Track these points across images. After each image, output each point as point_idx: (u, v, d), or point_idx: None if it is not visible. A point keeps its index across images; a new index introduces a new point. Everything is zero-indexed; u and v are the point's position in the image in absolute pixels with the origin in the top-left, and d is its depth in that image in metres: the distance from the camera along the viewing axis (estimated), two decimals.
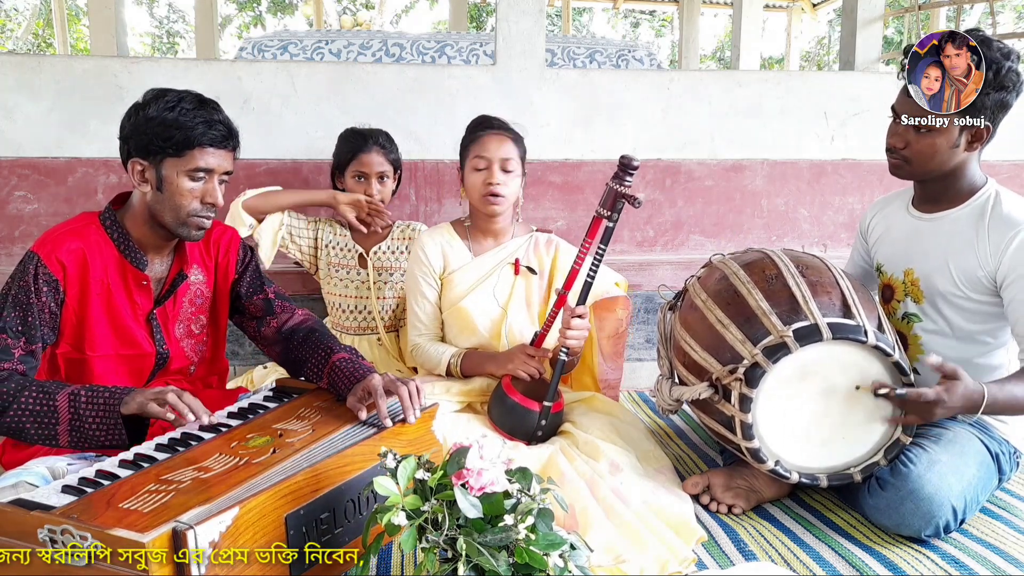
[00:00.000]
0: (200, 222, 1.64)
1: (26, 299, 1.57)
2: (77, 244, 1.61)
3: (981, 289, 1.76)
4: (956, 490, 1.64)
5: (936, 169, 1.77)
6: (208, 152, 1.59)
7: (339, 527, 1.41)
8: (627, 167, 1.89)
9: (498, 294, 2.13)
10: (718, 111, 3.10)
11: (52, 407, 1.48)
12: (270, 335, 1.85)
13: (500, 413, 1.96)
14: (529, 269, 2.16)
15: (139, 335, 1.69)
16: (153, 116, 1.57)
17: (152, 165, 1.60)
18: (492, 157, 2.05)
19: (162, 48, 15.50)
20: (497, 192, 2.04)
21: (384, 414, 1.57)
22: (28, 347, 1.57)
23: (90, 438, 1.48)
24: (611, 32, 16.91)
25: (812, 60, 15.57)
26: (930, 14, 6.86)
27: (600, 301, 2.19)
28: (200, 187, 1.61)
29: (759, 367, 1.65)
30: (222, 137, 1.61)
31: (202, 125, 1.57)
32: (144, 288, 1.69)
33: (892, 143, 1.79)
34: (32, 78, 2.74)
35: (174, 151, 1.57)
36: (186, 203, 1.60)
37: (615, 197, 1.90)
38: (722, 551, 1.63)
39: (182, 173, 1.59)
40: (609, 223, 1.91)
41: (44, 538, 1.16)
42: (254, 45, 3.89)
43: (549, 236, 2.25)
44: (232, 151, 1.66)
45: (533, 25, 2.91)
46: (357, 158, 2.44)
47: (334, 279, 2.52)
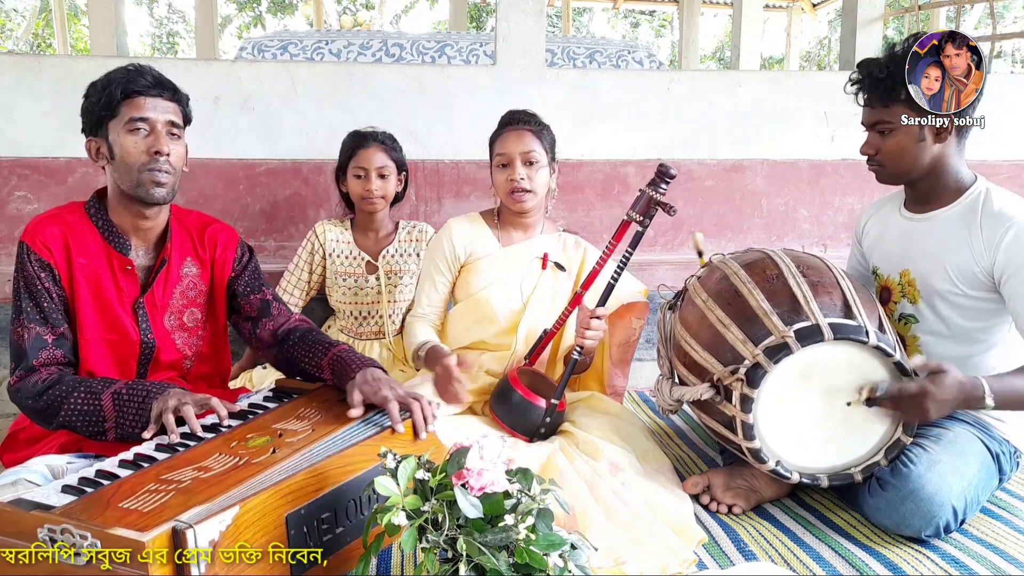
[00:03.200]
0: (154, 176, 1.63)
1: (34, 287, 1.61)
2: (57, 229, 1.64)
3: (978, 285, 1.76)
4: (956, 490, 1.64)
5: (911, 167, 1.80)
6: (139, 100, 1.62)
7: (340, 527, 1.41)
8: (664, 175, 1.91)
9: (524, 287, 2.13)
10: (718, 111, 3.10)
11: (99, 407, 1.54)
12: (266, 337, 1.84)
13: (504, 407, 1.95)
14: (557, 265, 2.16)
15: (125, 321, 1.70)
16: (90, 93, 1.65)
17: (102, 138, 1.65)
18: (512, 153, 2.05)
19: (162, 48, 15.50)
20: (521, 187, 2.04)
21: (397, 419, 1.56)
22: (56, 331, 1.62)
23: (133, 433, 1.52)
24: (611, 32, 16.92)
25: (812, 60, 15.57)
26: (930, 14, 6.86)
27: (617, 309, 2.17)
28: (143, 139, 1.62)
29: (760, 367, 1.65)
30: (151, 84, 1.63)
31: (126, 77, 1.62)
32: (128, 273, 1.70)
33: (864, 151, 1.86)
34: (32, 78, 2.74)
35: (109, 112, 1.62)
36: (133, 159, 1.62)
37: (650, 203, 1.91)
38: (722, 551, 1.63)
39: (122, 131, 1.62)
40: (640, 228, 1.93)
41: (44, 538, 1.16)
42: (254, 45, 3.89)
43: (577, 238, 2.26)
44: (171, 102, 1.67)
45: (533, 25, 2.91)
46: (357, 155, 2.44)
47: (341, 288, 2.51)
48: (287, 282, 2.57)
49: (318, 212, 2.91)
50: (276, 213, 2.91)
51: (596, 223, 3.04)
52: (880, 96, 1.78)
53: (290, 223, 2.93)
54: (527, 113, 2.15)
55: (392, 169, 2.47)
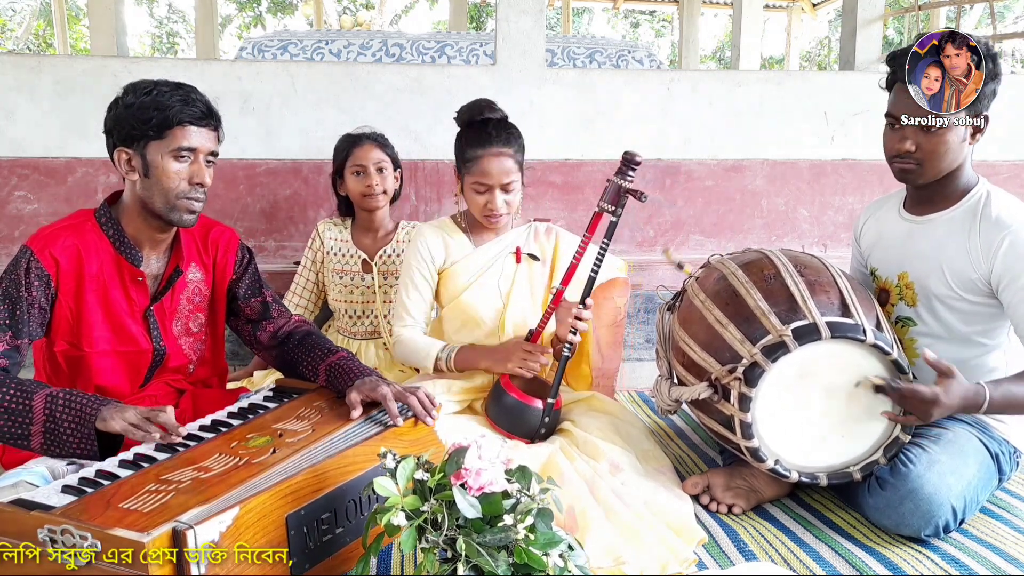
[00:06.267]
0: (190, 204, 1.63)
1: (16, 292, 1.57)
2: (72, 241, 1.62)
3: (975, 291, 1.76)
4: (956, 490, 1.64)
5: (948, 167, 1.75)
6: (189, 130, 1.60)
7: (340, 527, 1.41)
8: (630, 162, 1.89)
9: (501, 284, 2.12)
10: (718, 111, 3.10)
11: (27, 406, 1.46)
12: (266, 339, 1.85)
13: (499, 411, 1.95)
14: (531, 256, 2.15)
15: (136, 331, 1.69)
16: (131, 103, 1.59)
17: (137, 152, 1.61)
18: (494, 183, 1.99)
19: (162, 48, 15.50)
20: (499, 213, 2.03)
21: (395, 413, 1.57)
22: (13, 342, 1.56)
23: (63, 444, 1.45)
24: (611, 32, 16.92)
25: (812, 60, 15.57)
26: (930, 14, 6.86)
27: (597, 288, 2.15)
28: (186, 168, 1.61)
29: (758, 366, 1.65)
30: (202, 114, 1.62)
31: (179, 103, 1.59)
32: (140, 284, 1.69)
33: (900, 148, 1.75)
34: (32, 78, 2.74)
35: (155, 133, 1.58)
36: (174, 185, 1.61)
37: (619, 192, 1.90)
38: (722, 551, 1.63)
39: (166, 155, 1.59)
40: (613, 217, 1.91)
41: (44, 538, 1.16)
42: (254, 45, 3.89)
43: (548, 225, 2.24)
44: (214, 131, 1.66)
45: (533, 25, 2.91)
46: (353, 154, 2.44)
47: (337, 286, 2.51)
48: (297, 285, 2.57)
49: (318, 212, 2.91)
50: (276, 213, 2.91)
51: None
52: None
53: (290, 223, 2.93)
54: (501, 126, 2.04)
55: (388, 164, 2.47)
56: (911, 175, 1.78)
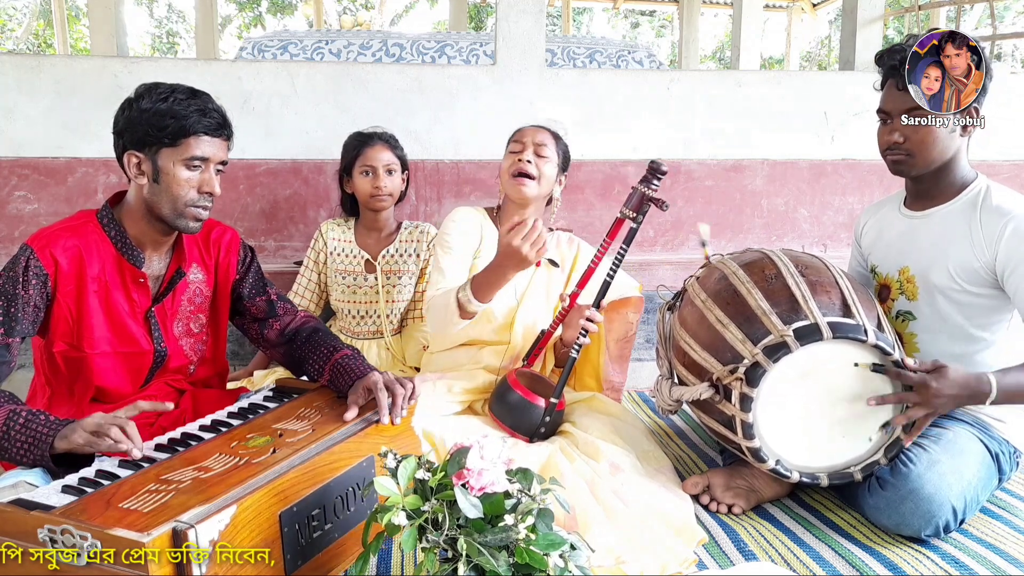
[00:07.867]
0: (198, 212, 1.64)
1: (12, 289, 1.56)
2: (73, 241, 1.61)
3: (979, 281, 1.76)
4: (956, 490, 1.64)
5: (939, 157, 1.78)
6: (203, 140, 1.60)
7: (329, 523, 1.41)
8: (656, 171, 1.92)
9: (518, 283, 2.13)
10: (718, 111, 3.10)
11: None
12: (273, 337, 1.85)
13: (503, 408, 1.95)
14: (551, 262, 2.17)
15: (137, 333, 1.69)
16: (147, 108, 1.58)
17: (148, 157, 1.60)
18: (526, 140, 2.11)
19: (162, 48, 15.50)
20: (525, 170, 2.06)
21: (385, 409, 1.58)
22: (5, 340, 1.56)
23: (14, 459, 1.42)
24: (611, 32, 16.92)
25: (812, 60, 15.57)
26: (930, 14, 6.86)
27: (612, 303, 2.18)
28: (197, 176, 1.61)
29: (760, 366, 1.65)
30: (216, 125, 1.62)
31: (196, 113, 1.58)
32: (141, 286, 1.69)
33: (890, 140, 1.80)
34: (32, 78, 2.74)
35: (169, 140, 1.58)
36: (184, 193, 1.61)
37: (642, 200, 1.92)
38: (722, 551, 1.63)
39: (178, 163, 1.59)
40: (634, 224, 1.94)
41: (44, 538, 1.16)
42: (254, 45, 3.89)
43: (570, 235, 2.27)
44: (226, 140, 1.66)
45: (533, 25, 2.91)
46: (363, 154, 2.44)
47: (340, 286, 2.52)
48: (299, 285, 2.57)
49: (318, 212, 2.91)
50: (276, 213, 2.91)
51: (596, 223, 3.05)
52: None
53: (290, 223, 2.93)
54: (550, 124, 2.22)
55: (397, 166, 2.48)
56: (903, 166, 1.82)
